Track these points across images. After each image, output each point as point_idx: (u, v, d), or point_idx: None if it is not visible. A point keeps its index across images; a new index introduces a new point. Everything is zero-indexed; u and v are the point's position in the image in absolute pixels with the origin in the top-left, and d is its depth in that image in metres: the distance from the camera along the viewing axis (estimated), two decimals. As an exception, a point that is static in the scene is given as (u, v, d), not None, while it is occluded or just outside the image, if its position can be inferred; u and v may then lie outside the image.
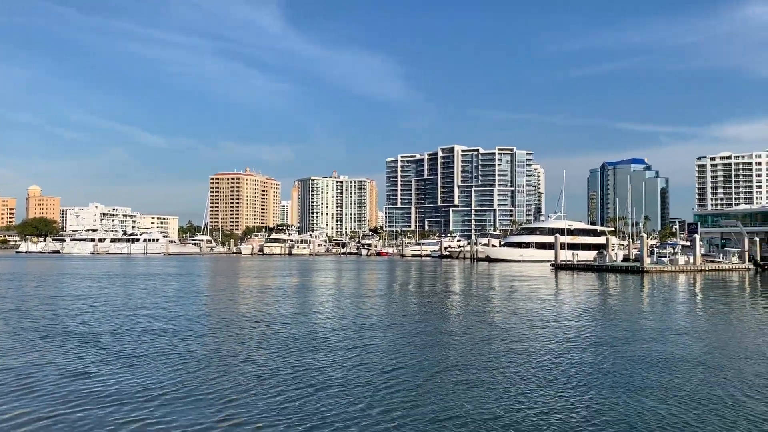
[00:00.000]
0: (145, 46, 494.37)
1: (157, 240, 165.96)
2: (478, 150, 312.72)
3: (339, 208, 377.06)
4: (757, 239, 77.92)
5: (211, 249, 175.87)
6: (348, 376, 14.42)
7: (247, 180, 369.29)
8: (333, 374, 14.65)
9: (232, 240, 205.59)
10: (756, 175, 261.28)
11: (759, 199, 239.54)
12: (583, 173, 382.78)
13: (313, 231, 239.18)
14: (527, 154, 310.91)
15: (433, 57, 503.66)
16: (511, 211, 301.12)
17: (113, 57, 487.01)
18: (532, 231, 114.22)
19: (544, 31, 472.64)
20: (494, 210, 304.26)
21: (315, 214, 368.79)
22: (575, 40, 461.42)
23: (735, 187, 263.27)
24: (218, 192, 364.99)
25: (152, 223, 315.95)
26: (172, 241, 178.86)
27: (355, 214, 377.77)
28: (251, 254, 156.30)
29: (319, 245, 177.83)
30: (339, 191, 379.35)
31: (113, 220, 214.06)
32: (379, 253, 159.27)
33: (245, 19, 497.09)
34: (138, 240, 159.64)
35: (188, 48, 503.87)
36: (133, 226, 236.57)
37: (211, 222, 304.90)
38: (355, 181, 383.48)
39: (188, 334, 20.74)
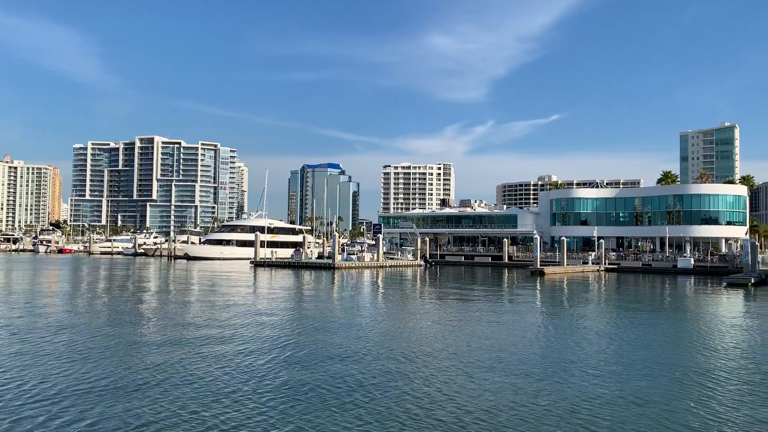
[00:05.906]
0: None
1: None
2: (180, 143, 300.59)
3: (11, 198, 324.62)
4: (428, 239, 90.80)
5: None
6: None
7: None
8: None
9: None
10: (429, 183, 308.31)
11: (430, 204, 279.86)
12: (285, 174, 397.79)
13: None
14: (231, 151, 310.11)
15: (135, 41, 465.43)
16: (213, 208, 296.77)
17: None
18: (233, 229, 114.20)
19: (254, 31, 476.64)
20: (196, 206, 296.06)
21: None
22: (284, 45, 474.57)
23: (412, 193, 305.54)
24: None
25: None
26: None
27: (32, 206, 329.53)
28: None
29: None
30: (12, 178, 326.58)
31: None
32: (61, 251, 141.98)
33: None
34: None
35: None
36: None
37: None
38: (33, 168, 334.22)
39: None
